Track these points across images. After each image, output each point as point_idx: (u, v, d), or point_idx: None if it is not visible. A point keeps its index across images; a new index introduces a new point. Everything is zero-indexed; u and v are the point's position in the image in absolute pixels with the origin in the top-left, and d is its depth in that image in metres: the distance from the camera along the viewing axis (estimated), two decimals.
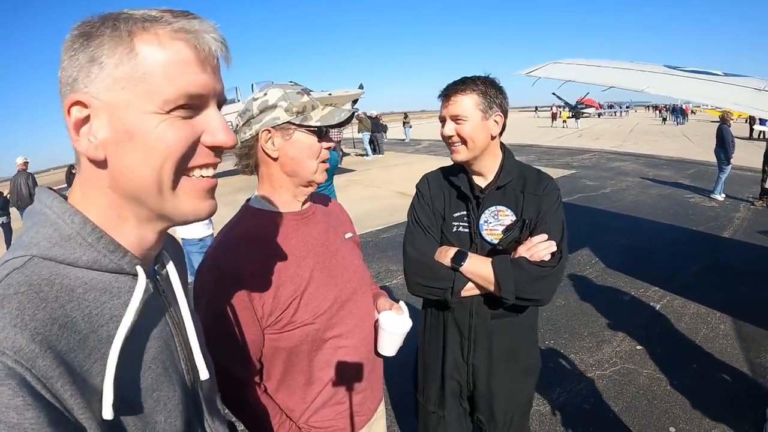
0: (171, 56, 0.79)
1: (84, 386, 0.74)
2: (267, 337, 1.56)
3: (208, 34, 0.83)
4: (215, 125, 0.85)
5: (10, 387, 0.64)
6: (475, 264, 1.97)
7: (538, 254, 1.91)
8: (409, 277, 2.12)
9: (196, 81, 0.81)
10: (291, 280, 1.56)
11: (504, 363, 2.15)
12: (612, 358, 4.55)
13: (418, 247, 2.10)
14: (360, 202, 12.62)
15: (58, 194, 0.88)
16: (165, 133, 0.79)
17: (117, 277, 0.87)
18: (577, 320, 5.38)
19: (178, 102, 0.79)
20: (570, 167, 16.67)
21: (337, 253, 1.73)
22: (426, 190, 2.22)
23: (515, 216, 2.04)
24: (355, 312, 1.72)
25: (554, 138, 29.65)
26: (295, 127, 1.55)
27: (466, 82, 1.98)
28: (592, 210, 10.38)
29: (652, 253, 7.54)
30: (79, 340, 0.76)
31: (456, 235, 2.11)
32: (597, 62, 5.29)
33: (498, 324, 2.10)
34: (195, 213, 0.88)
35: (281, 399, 1.66)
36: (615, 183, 13.50)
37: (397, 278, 6.92)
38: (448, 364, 2.20)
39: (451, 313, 2.15)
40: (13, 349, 0.66)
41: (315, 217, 1.73)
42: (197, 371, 1.03)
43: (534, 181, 2.11)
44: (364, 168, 20.25)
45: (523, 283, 1.89)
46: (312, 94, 1.61)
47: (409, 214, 2.23)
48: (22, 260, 0.78)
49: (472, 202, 2.08)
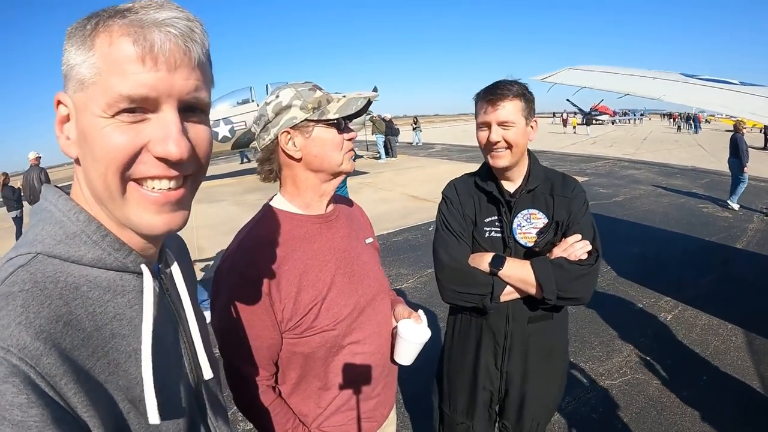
0: (114, 54, 0.74)
1: (88, 384, 0.73)
2: (285, 342, 1.54)
3: (160, 28, 0.75)
4: (163, 134, 0.77)
5: (14, 384, 0.64)
6: (514, 267, 1.97)
7: (575, 254, 1.94)
8: (445, 284, 2.09)
9: (135, 81, 0.73)
10: (312, 285, 1.53)
11: (538, 366, 2.14)
12: (622, 368, 4.52)
13: (453, 254, 2.07)
14: (372, 204, 12.59)
15: (63, 192, 0.88)
16: (108, 138, 0.75)
17: (121, 276, 0.86)
18: (587, 329, 5.34)
19: (119, 105, 0.74)
20: (583, 174, 16.56)
21: (359, 258, 1.71)
22: (454, 196, 2.20)
23: (547, 218, 2.06)
24: (374, 318, 1.70)
25: (568, 144, 29.48)
26: (313, 123, 1.52)
27: (509, 87, 1.96)
28: (605, 218, 10.30)
29: (664, 262, 7.49)
30: (83, 338, 0.76)
31: (488, 240, 2.10)
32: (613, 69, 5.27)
33: (534, 327, 2.10)
34: (148, 227, 0.82)
35: (295, 403, 1.65)
36: (628, 191, 13.40)
37: (408, 282, 6.93)
38: (480, 373, 2.18)
39: (485, 320, 2.12)
40: (18, 346, 0.66)
41: (338, 221, 1.70)
42: (201, 370, 1.02)
43: (561, 183, 2.14)
44: (377, 171, 20.22)
45: (564, 283, 1.90)
46: (336, 95, 1.59)
47: (439, 221, 2.21)
48: (26, 257, 0.78)
49: (503, 207, 2.07)
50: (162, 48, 0.74)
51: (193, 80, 0.79)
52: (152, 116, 0.77)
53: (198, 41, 0.79)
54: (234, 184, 18.36)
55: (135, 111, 0.75)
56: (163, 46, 0.74)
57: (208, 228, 11.36)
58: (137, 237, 0.88)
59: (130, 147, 0.75)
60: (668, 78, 4.54)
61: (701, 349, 4.81)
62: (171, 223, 0.83)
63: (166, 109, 0.77)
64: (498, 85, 1.98)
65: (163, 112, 0.77)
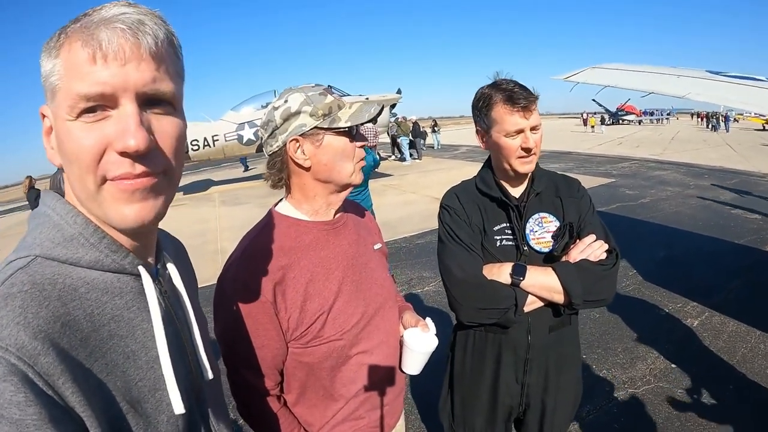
0: (71, 59, 0.76)
1: (85, 384, 0.75)
2: (290, 351, 1.51)
3: (108, 25, 0.76)
4: (122, 127, 0.77)
5: (12, 383, 0.65)
6: (537, 275, 1.89)
7: (595, 254, 1.88)
8: (463, 303, 1.98)
9: (90, 80, 0.75)
10: (319, 294, 1.49)
11: (557, 375, 2.07)
12: (645, 376, 4.37)
13: (467, 268, 1.95)
14: (395, 207, 12.61)
15: (61, 197, 0.90)
16: (74, 139, 0.77)
17: (119, 277, 0.88)
18: (611, 335, 5.20)
19: (78, 105, 0.76)
20: (609, 176, 16.30)
21: (367, 265, 1.66)
22: (458, 205, 2.09)
23: (558, 221, 1.99)
24: (382, 327, 1.65)
25: (594, 145, 29.10)
26: (323, 131, 1.47)
27: (530, 91, 1.90)
28: (631, 220, 10.09)
29: (691, 266, 7.27)
30: (81, 338, 0.77)
31: (501, 249, 2.01)
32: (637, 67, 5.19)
33: (554, 336, 2.03)
34: (121, 219, 0.82)
35: (300, 413, 1.61)
36: (655, 192, 13.12)
37: (430, 285, 6.85)
38: (500, 390, 2.08)
39: (504, 334, 2.02)
40: (16, 346, 0.68)
41: (346, 228, 1.65)
42: (202, 371, 1.04)
43: (565, 185, 2.08)
44: (402, 173, 20.22)
45: (589, 285, 1.84)
46: (348, 99, 1.53)
47: (444, 233, 2.08)
48: (25, 260, 0.80)
49: (513, 212, 1.99)
50: (110, 44, 0.75)
51: (148, 72, 0.79)
52: (113, 113, 0.78)
53: (149, 32, 0.79)
54: (258, 186, 18.47)
55: (95, 110, 0.77)
56: (110, 42, 0.75)
57: (232, 230, 11.54)
58: (126, 236, 0.89)
59: (94, 146, 0.77)
60: (693, 75, 4.44)
61: (728, 356, 4.63)
62: (142, 213, 0.82)
63: (124, 103, 0.78)
64: (521, 89, 1.89)
65: (122, 107, 0.78)
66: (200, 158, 20.93)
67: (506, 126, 1.89)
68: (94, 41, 0.75)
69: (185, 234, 12.03)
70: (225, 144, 19.70)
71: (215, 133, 19.75)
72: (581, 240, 1.94)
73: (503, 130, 1.90)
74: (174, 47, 0.86)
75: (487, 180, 2.07)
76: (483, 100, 1.96)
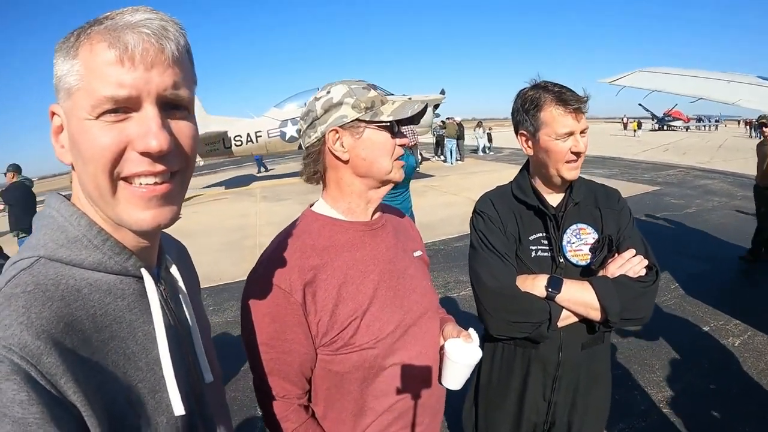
0: (94, 60, 0.78)
1: (87, 384, 0.76)
2: (319, 358, 1.44)
3: (134, 29, 0.78)
4: (144, 129, 0.79)
5: (15, 382, 0.67)
6: (574, 290, 1.80)
7: (634, 269, 1.78)
8: (494, 314, 1.89)
9: (115, 82, 0.77)
10: (352, 298, 1.42)
11: (586, 394, 1.97)
12: (682, 396, 4.18)
13: (500, 278, 1.86)
14: (436, 208, 12.54)
15: (66, 198, 0.92)
16: (94, 139, 0.79)
17: (121, 279, 0.89)
18: (649, 350, 5.00)
19: (102, 106, 0.77)
20: (654, 183, 15.82)
21: (405, 271, 1.58)
22: (492, 211, 2.00)
23: (597, 233, 1.89)
24: (420, 338, 1.55)
25: (639, 151, 28.42)
26: (364, 124, 1.42)
27: (578, 93, 1.82)
28: (676, 230, 9.75)
29: (735, 281, 6.98)
30: (84, 339, 0.79)
31: (536, 260, 1.92)
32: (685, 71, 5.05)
33: (586, 353, 1.93)
34: (136, 223, 0.84)
35: (328, 426, 1.53)
36: (701, 202, 12.63)
37: (466, 289, 6.72)
38: (526, 406, 2.00)
39: (534, 349, 1.93)
40: (19, 345, 0.69)
41: (384, 230, 1.59)
42: (201, 373, 1.06)
43: (605, 195, 1.98)
44: (443, 174, 20.14)
45: (628, 303, 1.74)
46: (391, 98, 1.47)
47: (476, 240, 2.00)
48: (29, 261, 0.82)
49: (551, 222, 1.89)
50: (136, 47, 0.77)
51: (170, 77, 0.81)
52: (134, 115, 0.80)
53: (172, 39, 0.81)
54: (299, 183, 18.51)
55: (117, 111, 0.78)
56: (137, 45, 0.77)
57: (271, 226, 11.63)
58: (134, 237, 0.91)
59: (114, 145, 0.79)
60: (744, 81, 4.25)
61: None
62: (158, 218, 0.85)
63: (147, 106, 0.80)
64: (570, 91, 1.82)
65: (144, 109, 0.80)
66: (242, 154, 21.36)
67: (557, 128, 1.80)
68: (120, 44, 0.77)
69: (225, 228, 12.37)
70: (268, 140, 20.05)
71: (258, 129, 20.08)
72: (620, 254, 1.85)
73: (553, 133, 1.81)
74: (190, 54, 0.89)
75: (523, 186, 1.99)
76: (530, 101, 1.87)
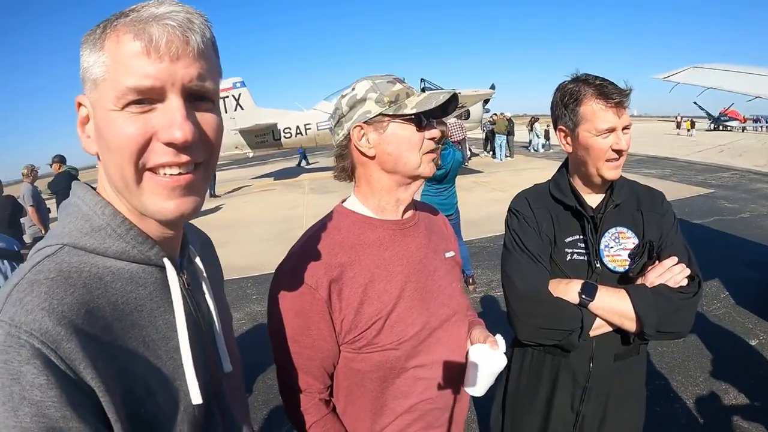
0: (120, 51, 0.79)
1: (106, 370, 0.78)
2: (342, 354, 1.46)
3: (159, 22, 0.79)
4: (168, 120, 0.80)
5: (35, 366, 0.69)
6: (608, 297, 1.71)
7: (674, 279, 1.69)
8: (523, 319, 1.83)
9: (140, 73, 0.78)
10: (378, 298, 1.42)
11: (617, 408, 1.88)
12: (725, 412, 3.96)
13: (531, 282, 1.80)
14: (483, 205, 12.41)
15: (91, 188, 0.95)
16: (119, 129, 0.80)
17: (144, 268, 0.92)
18: (694, 361, 4.77)
19: (127, 97, 0.79)
20: (708, 186, 15.16)
21: (435, 272, 1.56)
22: (528, 210, 1.94)
23: (637, 238, 1.79)
24: (445, 342, 1.54)
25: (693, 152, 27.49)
26: (388, 118, 1.42)
27: (621, 86, 1.73)
28: (728, 236, 9.26)
29: None
30: (104, 326, 0.81)
31: (571, 264, 1.85)
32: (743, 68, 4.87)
33: (619, 365, 1.83)
34: (160, 212, 0.86)
35: (348, 421, 1.54)
36: (756, 207, 11.99)
37: None
38: (553, 416, 1.92)
39: (564, 357, 1.85)
40: (40, 330, 0.72)
41: (416, 229, 1.57)
42: (220, 364, 1.07)
43: (648, 197, 1.87)
44: (492, 170, 19.97)
45: (666, 315, 1.65)
46: (436, 92, 1.43)
47: (510, 240, 1.95)
48: (53, 248, 0.84)
49: (588, 224, 1.81)
50: (161, 39, 0.78)
51: (195, 68, 0.82)
52: (159, 106, 0.81)
53: (197, 31, 0.82)
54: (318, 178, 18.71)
55: (143, 102, 0.80)
56: (161, 37, 0.78)
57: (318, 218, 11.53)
58: (158, 227, 0.93)
59: (139, 136, 0.80)
60: None
61: None
62: (182, 207, 0.86)
63: (172, 97, 0.81)
64: (612, 84, 1.73)
65: (169, 100, 0.81)
66: (292, 146, 21.83)
67: (597, 123, 1.72)
68: (145, 35, 0.78)
69: (272, 219, 12.65)
70: (317, 133, 20.45)
71: (308, 122, 20.44)
72: (661, 262, 1.75)
73: (593, 128, 1.73)
74: (215, 47, 0.90)
75: (561, 186, 1.91)
76: (570, 94, 1.79)
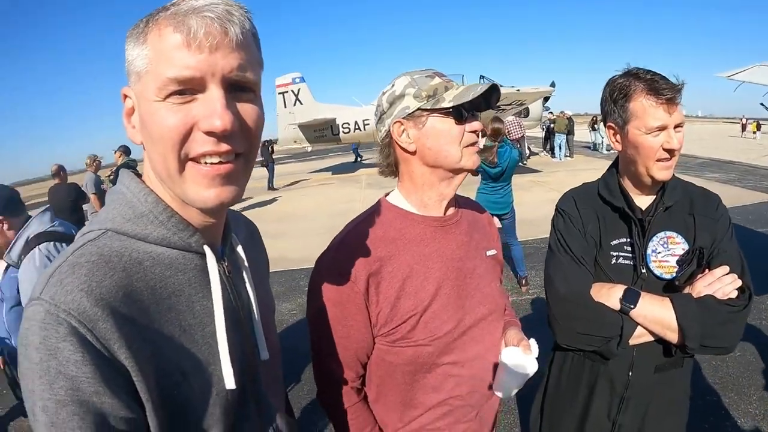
0: (161, 44, 0.81)
1: (140, 353, 0.82)
2: (376, 346, 1.48)
3: (198, 14, 0.81)
4: (209, 110, 0.82)
5: (72, 343, 0.74)
6: (651, 306, 1.62)
7: (723, 290, 1.57)
8: (562, 323, 1.77)
9: (180, 65, 0.80)
10: (415, 294, 1.43)
11: (658, 422, 1.78)
12: None
13: (573, 285, 1.73)
14: (540, 204, 12.21)
15: (136, 176, 0.98)
16: (161, 119, 0.82)
17: (184, 254, 0.95)
18: (748, 378, 4.45)
19: (168, 87, 0.81)
20: None
21: (474, 271, 1.55)
22: (574, 211, 1.86)
23: (687, 244, 1.69)
24: (480, 341, 1.53)
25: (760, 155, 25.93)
26: (427, 113, 1.41)
27: (673, 81, 1.63)
28: None
29: None
30: (141, 309, 0.84)
31: (615, 268, 1.77)
32: None
33: (660, 377, 1.73)
34: (201, 200, 0.88)
35: (378, 410, 1.58)
36: None
37: None
38: (589, 421, 1.84)
39: (603, 364, 1.77)
40: (78, 310, 0.76)
41: (458, 227, 1.57)
42: (258, 351, 1.09)
43: (702, 200, 1.76)
44: (551, 170, 19.51)
45: (710, 328, 1.55)
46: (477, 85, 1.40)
47: (554, 241, 1.87)
48: (96, 233, 0.88)
49: (636, 227, 1.72)
50: (199, 30, 0.80)
51: (235, 59, 0.84)
52: (200, 96, 0.83)
53: (237, 23, 0.84)
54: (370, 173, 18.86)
55: (184, 93, 0.82)
56: (200, 29, 0.80)
57: None
58: (199, 215, 0.95)
59: (181, 126, 0.82)
60: None
61: None
62: (222, 196, 0.88)
63: (212, 87, 0.83)
64: (664, 79, 1.63)
65: (209, 91, 0.83)
66: (350, 141, 21.86)
67: (647, 121, 1.63)
68: (184, 27, 0.80)
69: (328, 213, 12.87)
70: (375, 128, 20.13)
71: (366, 118, 20.35)
72: (711, 271, 1.63)
73: (643, 126, 1.65)
74: (256, 38, 0.92)
75: (610, 185, 1.83)
76: (619, 90, 1.71)
